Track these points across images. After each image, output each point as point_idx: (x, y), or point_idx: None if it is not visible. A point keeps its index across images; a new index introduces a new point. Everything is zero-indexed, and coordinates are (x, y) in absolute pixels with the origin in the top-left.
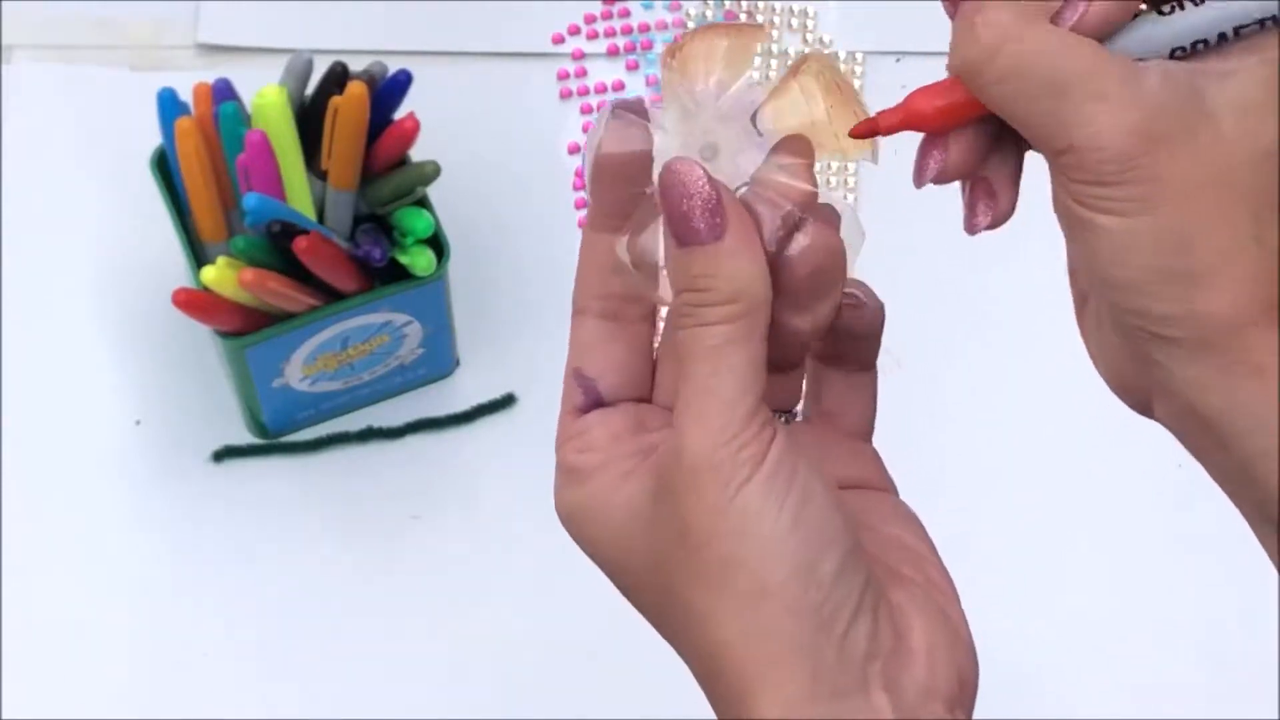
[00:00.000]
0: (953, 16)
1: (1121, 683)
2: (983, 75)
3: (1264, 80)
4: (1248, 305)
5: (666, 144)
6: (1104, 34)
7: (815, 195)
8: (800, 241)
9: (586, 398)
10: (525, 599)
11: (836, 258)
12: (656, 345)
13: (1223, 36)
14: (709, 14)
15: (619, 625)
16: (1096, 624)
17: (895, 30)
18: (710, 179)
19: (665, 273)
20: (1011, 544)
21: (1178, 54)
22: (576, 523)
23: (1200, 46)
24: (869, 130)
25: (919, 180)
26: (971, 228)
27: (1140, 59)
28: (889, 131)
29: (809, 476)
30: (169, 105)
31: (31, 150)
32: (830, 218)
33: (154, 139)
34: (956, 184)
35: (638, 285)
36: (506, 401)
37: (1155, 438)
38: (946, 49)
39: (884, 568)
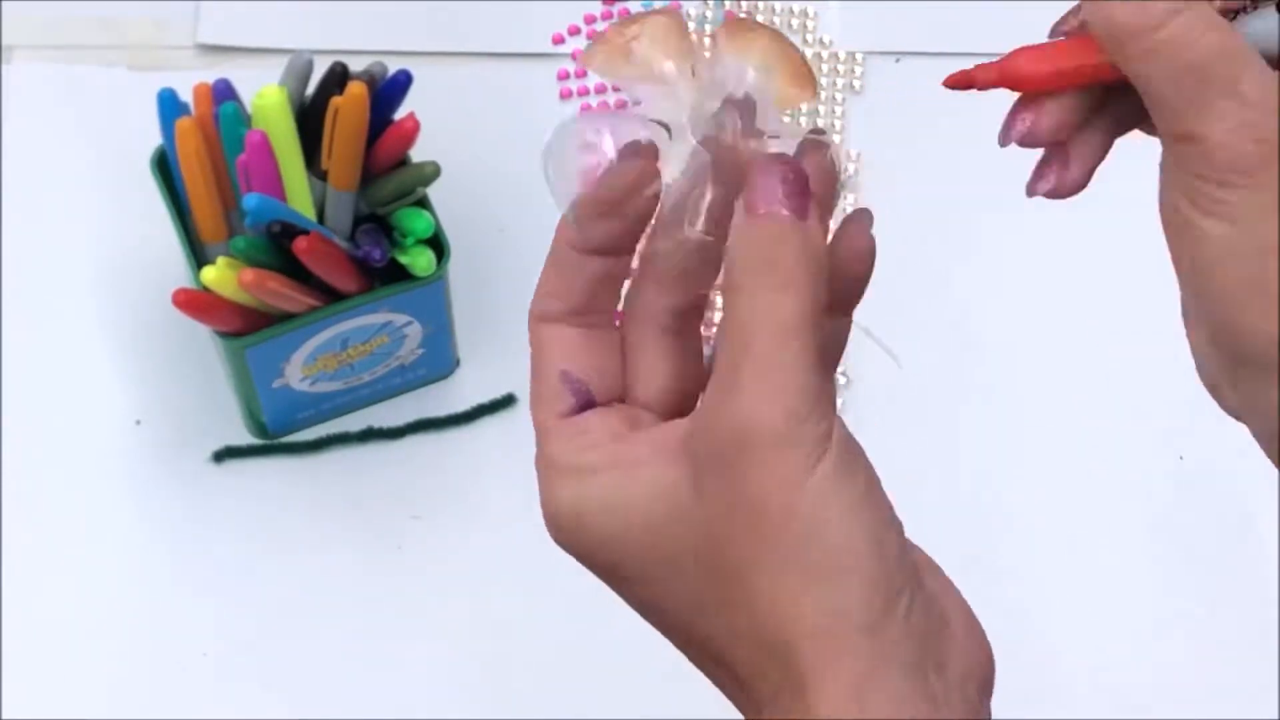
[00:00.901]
0: None
1: (1121, 682)
2: (1138, 43)
3: None
4: None
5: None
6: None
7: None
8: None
9: (578, 399)
10: (525, 599)
11: (867, 260)
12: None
13: None
14: (709, 14)
15: (619, 625)
16: (1096, 623)
17: (895, 30)
18: (798, 159)
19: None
20: (1009, 542)
21: None
22: (585, 520)
23: None
24: (964, 82)
25: (1004, 139)
26: (1031, 189)
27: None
28: (985, 87)
29: (865, 454)
30: (169, 105)
31: (31, 150)
32: (861, 218)
33: (154, 139)
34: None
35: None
36: (506, 401)
37: (1155, 436)
38: (947, 49)
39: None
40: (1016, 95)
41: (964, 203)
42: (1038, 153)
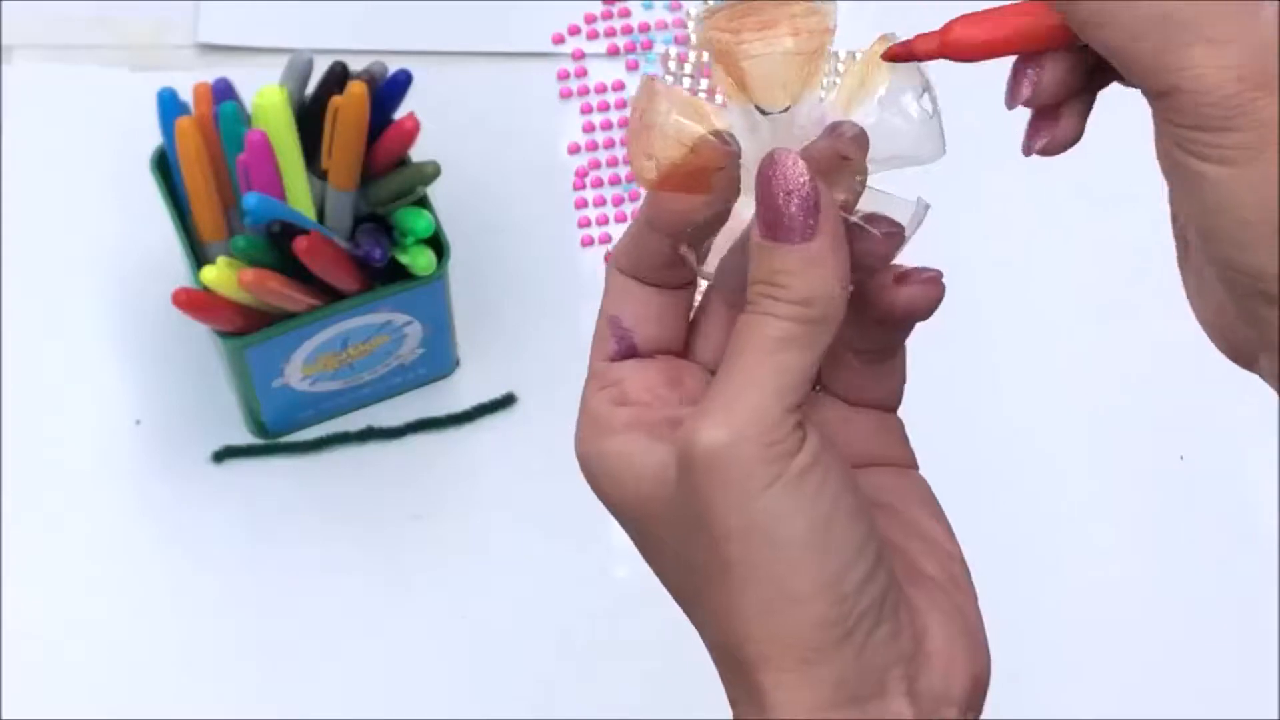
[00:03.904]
0: None
1: (1121, 682)
2: (1092, 11)
3: None
4: None
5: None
6: None
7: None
8: (907, 292)
9: (619, 346)
10: (525, 599)
11: (931, 306)
12: (695, 306)
13: None
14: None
15: (620, 625)
16: (1096, 622)
17: (895, 30)
18: (814, 178)
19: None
20: (1008, 540)
21: None
22: (597, 474)
23: None
24: (904, 53)
25: (1011, 102)
26: (1026, 148)
27: None
28: (925, 58)
29: (839, 483)
30: (169, 105)
31: (31, 150)
32: (935, 277)
33: (154, 139)
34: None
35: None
36: (506, 401)
37: (1155, 436)
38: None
39: (905, 563)
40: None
41: (965, 201)
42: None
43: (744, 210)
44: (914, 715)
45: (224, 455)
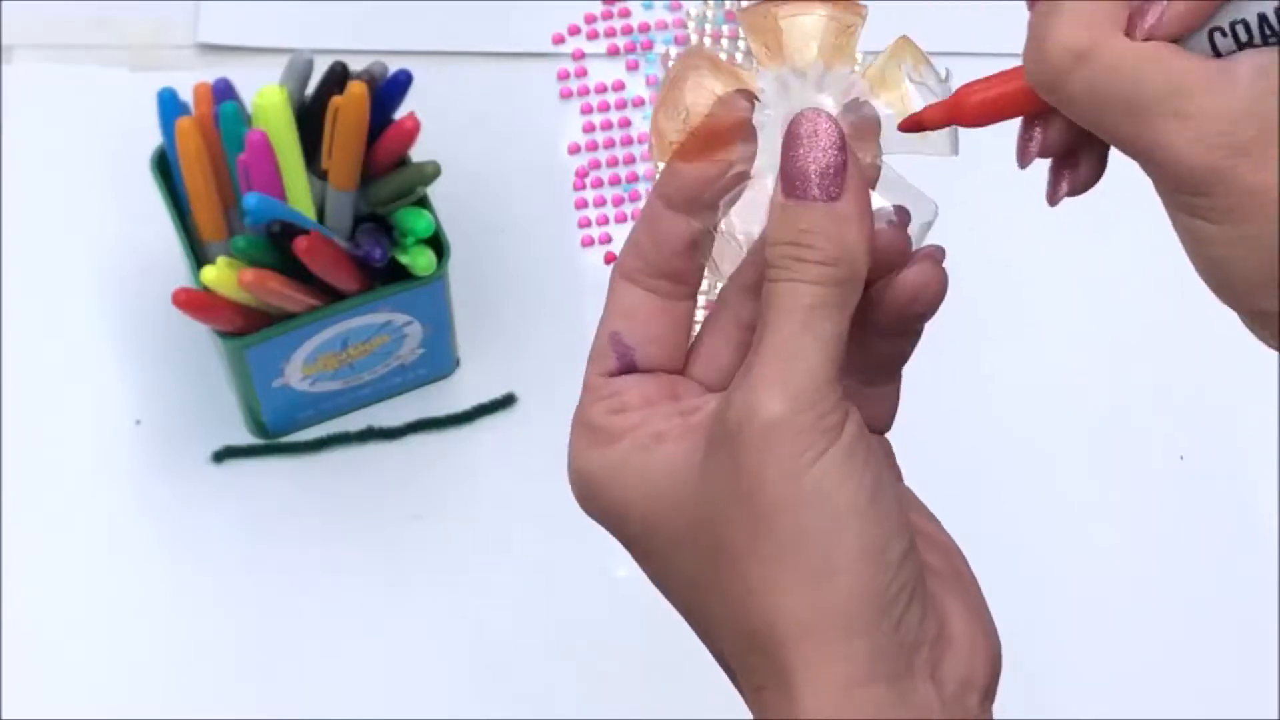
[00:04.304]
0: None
1: (1121, 682)
2: (1056, 94)
3: None
4: None
5: (760, 119)
6: (1184, 33)
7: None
8: (910, 275)
9: (620, 363)
10: (525, 599)
11: (934, 294)
12: (699, 321)
13: None
14: (709, 14)
15: (619, 625)
16: (1095, 622)
17: (895, 30)
18: (844, 139)
19: (731, 244)
20: (1008, 540)
21: (1269, 39)
22: (600, 484)
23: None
24: (914, 125)
25: (1023, 162)
26: (1052, 197)
27: (1225, 49)
28: (934, 127)
29: (880, 457)
30: (169, 105)
31: (31, 150)
32: (933, 254)
33: (154, 139)
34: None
35: (701, 264)
36: (506, 401)
37: (1155, 436)
38: (948, 49)
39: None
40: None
41: (967, 201)
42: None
43: (760, 193)
44: (938, 698)
45: (224, 455)
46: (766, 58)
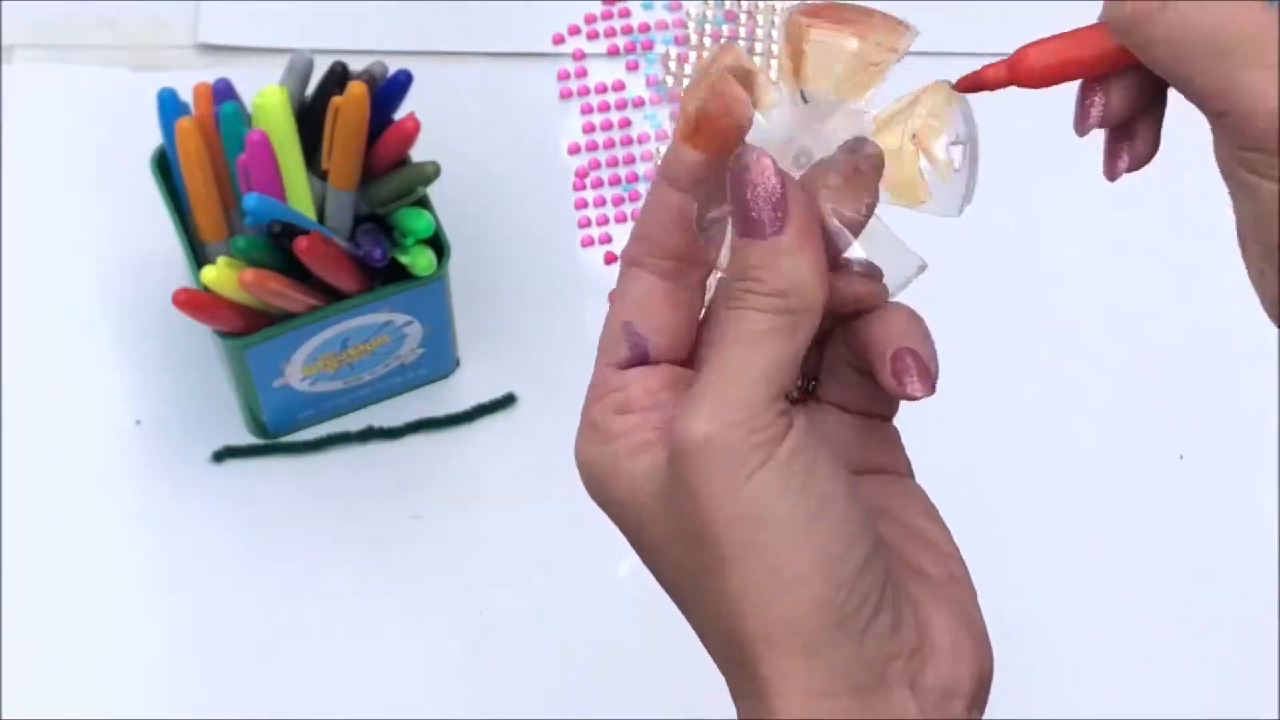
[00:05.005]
0: None
1: (1121, 682)
2: (1144, 32)
3: None
4: None
5: (762, 133)
6: None
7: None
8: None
9: (633, 353)
10: (525, 599)
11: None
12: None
13: None
14: (709, 14)
15: (619, 625)
16: (1095, 622)
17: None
18: (779, 173)
19: (727, 243)
20: (1007, 540)
21: None
22: (599, 478)
23: None
24: (972, 85)
25: (1082, 129)
26: (1111, 172)
27: None
28: (995, 87)
29: (830, 468)
30: (169, 105)
31: (31, 150)
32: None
33: (154, 139)
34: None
35: (702, 247)
36: (506, 401)
37: (1155, 436)
38: (947, 49)
39: (905, 561)
40: (1059, 86)
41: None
42: (1043, 144)
43: None
44: (918, 708)
45: (224, 455)
46: (789, 70)
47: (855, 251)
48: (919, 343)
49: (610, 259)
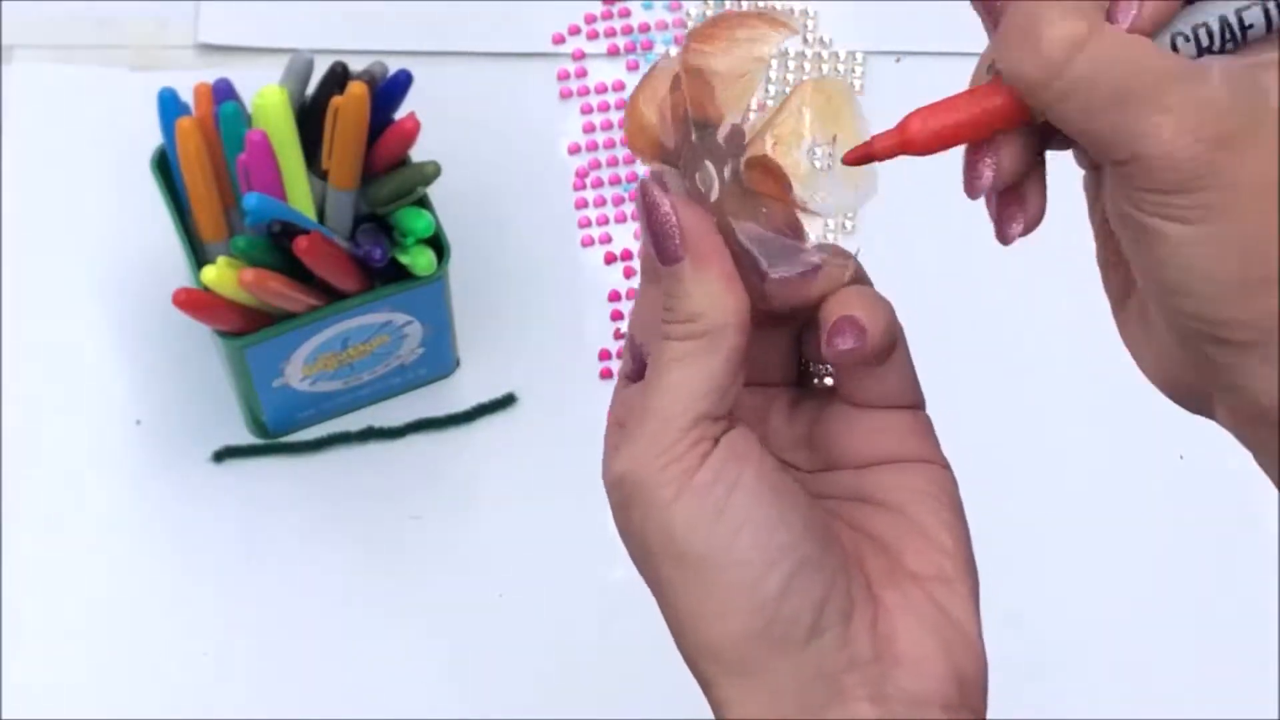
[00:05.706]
0: (989, 19)
1: (1121, 682)
2: (1048, 90)
3: None
4: None
5: (677, 169)
6: (1154, 30)
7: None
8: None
9: (636, 366)
10: (525, 599)
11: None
12: None
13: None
14: (709, 14)
15: (619, 625)
16: (1095, 622)
17: (895, 30)
18: (672, 203)
19: None
20: (1007, 539)
21: (1226, 43)
22: (610, 486)
23: (1236, 34)
24: (862, 158)
25: (974, 192)
26: (1005, 237)
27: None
28: (883, 157)
29: (750, 495)
30: (169, 105)
31: (31, 150)
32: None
33: (154, 139)
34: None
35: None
36: (506, 401)
37: (1155, 436)
38: (946, 49)
39: (886, 563)
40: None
41: (962, 201)
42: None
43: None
44: (878, 717)
45: (224, 455)
46: (683, 98)
47: (768, 262)
48: (861, 309)
49: (610, 259)
